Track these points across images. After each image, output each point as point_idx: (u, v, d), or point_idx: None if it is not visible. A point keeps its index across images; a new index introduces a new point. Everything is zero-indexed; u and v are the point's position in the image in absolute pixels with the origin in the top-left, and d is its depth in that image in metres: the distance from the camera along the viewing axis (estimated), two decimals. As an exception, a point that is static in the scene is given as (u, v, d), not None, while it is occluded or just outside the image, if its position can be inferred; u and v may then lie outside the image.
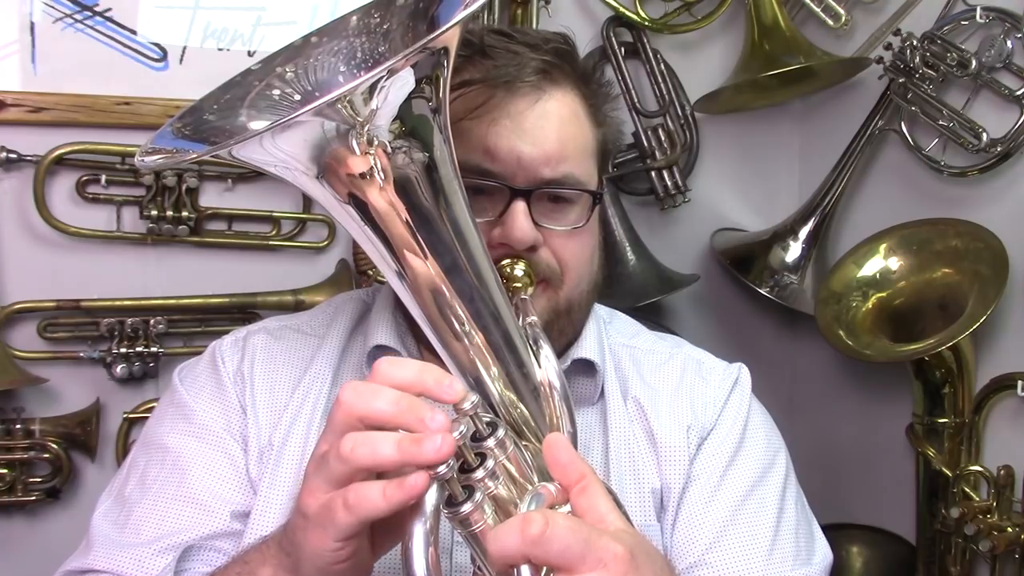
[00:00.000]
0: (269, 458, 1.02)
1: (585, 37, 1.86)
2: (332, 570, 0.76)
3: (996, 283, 1.58)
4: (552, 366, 0.89)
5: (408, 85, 0.77)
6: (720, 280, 2.04)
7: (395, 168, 0.78)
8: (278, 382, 1.07)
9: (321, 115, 0.73)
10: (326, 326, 1.13)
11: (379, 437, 0.72)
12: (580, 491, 0.73)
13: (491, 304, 0.86)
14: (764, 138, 2.06)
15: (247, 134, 0.74)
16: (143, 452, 1.06)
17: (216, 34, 1.70)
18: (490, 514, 0.72)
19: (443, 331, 0.85)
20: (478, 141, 0.99)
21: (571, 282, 1.05)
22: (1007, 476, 1.58)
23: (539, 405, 0.87)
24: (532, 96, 1.01)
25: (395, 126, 0.77)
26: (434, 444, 0.69)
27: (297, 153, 0.76)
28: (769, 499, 1.04)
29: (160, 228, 1.67)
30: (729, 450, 1.06)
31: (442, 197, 0.82)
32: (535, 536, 0.65)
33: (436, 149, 0.81)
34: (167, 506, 0.99)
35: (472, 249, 0.85)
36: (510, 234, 0.98)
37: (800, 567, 1.01)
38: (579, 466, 0.74)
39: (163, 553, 0.95)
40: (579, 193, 1.04)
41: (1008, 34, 1.62)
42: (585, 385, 1.09)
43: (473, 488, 0.71)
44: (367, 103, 0.74)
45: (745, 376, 1.14)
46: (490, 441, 0.74)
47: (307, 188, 0.81)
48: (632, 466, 1.05)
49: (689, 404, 1.09)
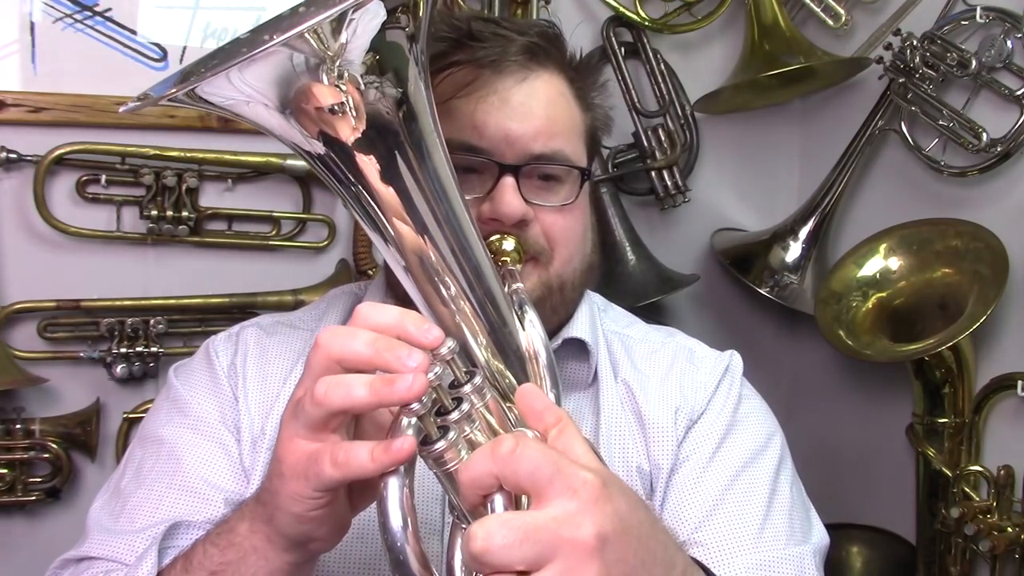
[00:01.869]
0: (261, 447, 1.02)
1: (585, 37, 1.86)
2: (307, 517, 0.76)
3: (996, 283, 1.58)
4: (537, 332, 0.89)
5: (379, 17, 0.75)
6: (720, 280, 2.04)
7: (367, 104, 0.77)
8: (270, 374, 1.08)
9: (290, 47, 0.72)
10: (317, 320, 1.15)
11: (352, 379, 0.71)
12: (557, 434, 0.72)
13: (473, 259, 0.85)
14: (764, 138, 2.06)
15: (216, 68, 0.72)
16: (139, 446, 1.07)
17: (216, 34, 1.70)
18: (465, 455, 0.71)
19: (423, 284, 0.84)
20: (466, 119, 1.00)
21: (561, 258, 1.05)
22: (1007, 476, 1.58)
23: (524, 369, 0.87)
24: (519, 74, 1.02)
25: (368, 58, 0.76)
26: (405, 383, 0.69)
27: (265, 88, 0.75)
28: (761, 479, 1.03)
29: (160, 228, 1.67)
30: (719, 432, 1.06)
31: (420, 140, 0.81)
32: (504, 455, 0.64)
33: (411, 84, 0.80)
34: (162, 494, 0.99)
35: (452, 200, 0.84)
36: (499, 208, 0.99)
37: (793, 546, 0.99)
38: (554, 411, 0.74)
39: (156, 539, 0.95)
40: (568, 170, 1.05)
41: (1008, 34, 1.62)
42: (578, 369, 1.10)
43: (447, 428, 0.71)
44: (336, 36, 0.73)
45: (736, 362, 1.15)
46: (467, 387, 0.73)
47: (276, 128, 0.79)
48: (622, 447, 1.05)
49: (678, 388, 1.09)
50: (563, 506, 0.63)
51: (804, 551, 0.99)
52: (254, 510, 0.81)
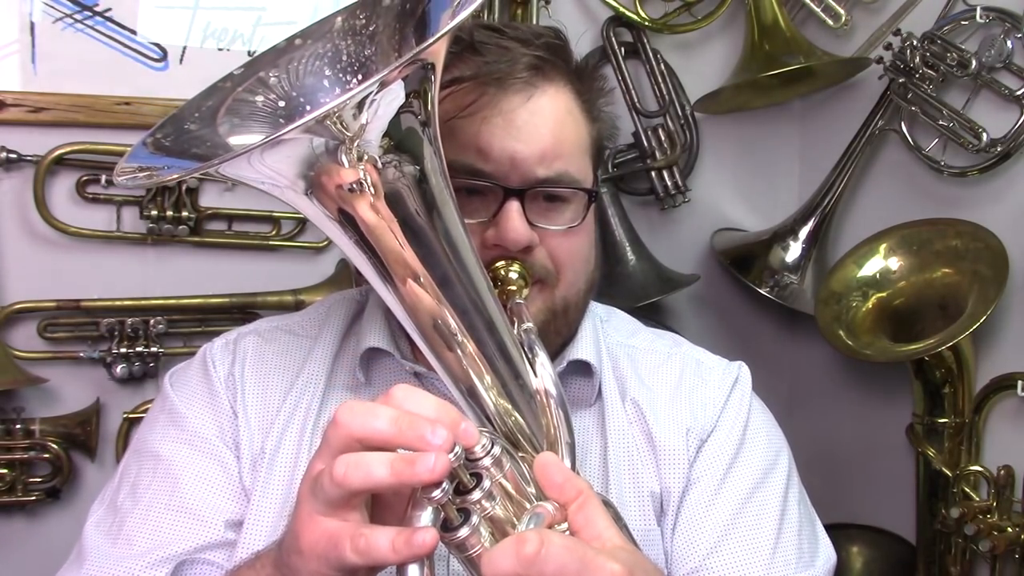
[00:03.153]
0: (261, 466, 1.00)
1: (585, 37, 1.86)
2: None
3: (996, 283, 1.58)
4: (548, 373, 0.87)
5: (398, 99, 0.75)
6: (720, 280, 2.04)
7: (385, 183, 0.76)
8: (270, 387, 1.05)
9: (309, 131, 0.71)
10: (319, 327, 1.11)
11: (372, 459, 0.70)
12: (577, 508, 0.72)
13: (485, 314, 0.84)
14: (764, 138, 2.06)
15: (232, 153, 0.72)
16: (135, 460, 1.04)
17: (216, 34, 1.70)
18: (487, 536, 0.70)
19: (435, 343, 0.83)
20: (470, 140, 0.97)
21: (567, 282, 1.02)
22: (1007, 476, 1.59)
23: (535, 414, 0.86)
24: (524, 93, 0.98)
25: (384, 141, 0.76)
26: (428, 464, 0.67)
27: (285, 170, 0.75)
28: (771, 501, 1.03)
29: (160, 228, 1.67)
30: (729, 452, 1.04)
31: (434, 210, 0.80)
32: (530, 556, 0.63)
33: (427, 161, 0.79)
34: (159, 516, 0.97)
35: (465, 260, 0.83)
36: (504, 235, 0.96)
37: (803, 570, 0.99)
38: (575, 483, 0.73)
39: (156, 565, 0.94)
40: (574, 192, 1.01)
41: (1008, 34, 1.62)
42: (582, 387, 1.08)
43: (469, 512, 0.70)
44: (356, 117, 0.72)
45: (745, 375, 1.13)
46: (486, 460, 0.72)
47: (296, 204, 0.79)
48: (631, 470, 1.03)
49: (688, 406, 1.07)
50: None
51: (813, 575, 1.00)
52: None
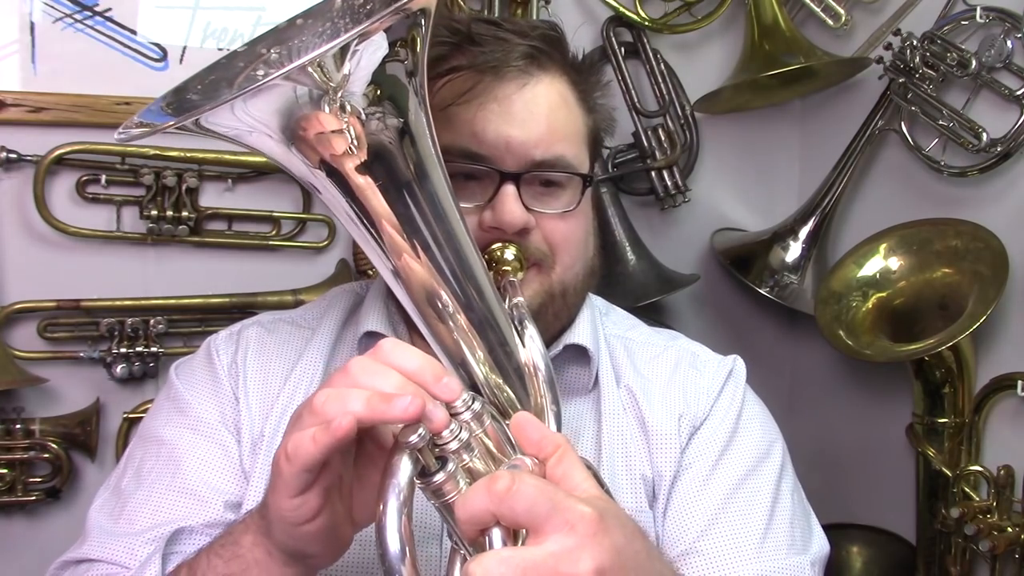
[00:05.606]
0: (260, 449, 1.02)
1: (585, 37, 1.86)
2: (299, 532, 0.76)
3: (996, 283, 1.58)
4: (537, 347, 0.88)
5: (382, 49, 0.76)
6: (720, 280, 2.04)
7: (369, 135, 0.77)
8: (270, 373, 1.08)
9: (292, 80, 0.72)
10: (319, 318, 1.14)
11: (350, 392, 0.72)
12: (556, 462, 0.72)
13: (473, 279, 0.85)
14: (764, 138, 2.06)
15: (219, 99, 0.73)
16: (139, 446, 1.06)
17: (216, 34, 1.70)
18: (464, 486, 0.71)
19: (423, 306, 0.84)
20: (466, 126, 0.99)
21: (563, 264, 1.04)
22: (1007, 476, 1.58)
23: (524, 386, 0.87)
24: (520, 80, 1.01)
25: (369, 90, 0.76)
26: (403, 403, 0.69)
27: (268, 119, 0.75)
28: (763, 488, 1.03)
29: (160, 228, 1.67)
30: (722, 439, 1.05)
31: (419, 165, 0.81)
32: (501, 492, 0.64)
33: (411, 114, 0.80)
34: (161, 496, 0.99)
35: (451, 222, 0.84)
36: (500, 218, 0.98)
37: (795, 555, 0.99)
38: (553, 439, 0.74)
39: (156, 542, 0.95)
40: (569, 176, 1.03)
41: (1008, 34, 1.62)
42: (579, 374, 1.09)
43: (446, 459, 0.71)
44: (339, 68, 0.73)
45: (740, 367, 1.14)
46: (466, 414, 0.73)
47: (279, 156, 0.80)
48: (624, 454, 1.05)
49: (682, 394, 1.08)
50: (561, 542, 0.64)
51: (804, 561, 1.00)
52: (257, 523, 0.81)
